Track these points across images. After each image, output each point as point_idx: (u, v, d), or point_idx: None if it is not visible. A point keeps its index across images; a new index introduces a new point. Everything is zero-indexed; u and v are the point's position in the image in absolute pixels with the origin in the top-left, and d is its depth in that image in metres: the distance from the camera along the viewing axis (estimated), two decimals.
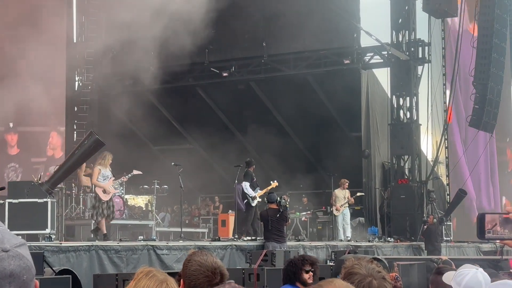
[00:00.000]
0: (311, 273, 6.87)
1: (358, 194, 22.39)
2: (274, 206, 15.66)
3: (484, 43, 25.37)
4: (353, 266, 3.28)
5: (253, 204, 17.68)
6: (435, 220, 21.83)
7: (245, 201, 17.70)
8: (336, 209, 21.36)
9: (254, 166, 18.49)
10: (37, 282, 1.86)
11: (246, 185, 17.74)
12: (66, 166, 14.24)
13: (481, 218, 2.34)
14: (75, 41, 27.09)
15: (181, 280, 3.88)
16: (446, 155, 26.49)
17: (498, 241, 2.35)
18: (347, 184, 21.79)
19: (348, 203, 21.61)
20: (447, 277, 5.31)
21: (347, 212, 21.56)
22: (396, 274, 9.95)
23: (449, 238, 23.81)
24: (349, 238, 21.00)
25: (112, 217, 15.64)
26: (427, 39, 24.33)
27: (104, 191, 15.25)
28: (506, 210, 2.27)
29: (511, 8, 28.42)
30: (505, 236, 2.30)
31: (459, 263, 12.24)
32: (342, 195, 21.56)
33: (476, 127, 26.14)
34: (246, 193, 17.55)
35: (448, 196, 26.16)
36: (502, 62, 26.20)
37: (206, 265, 3.80)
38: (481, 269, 3.94)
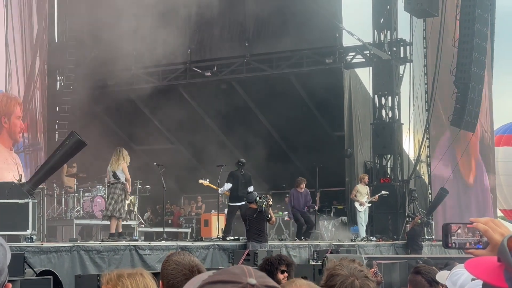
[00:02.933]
0: (286, 274, 6.85)
1: (383, 192, 22.29)
2: (253, 206, 15.55)
3: (465, 43, 25.52)
4: (334, 268, 3.27)
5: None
6: (419, 221, 21.87)
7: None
8: (361, 204, 21.20)
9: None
10: (9, 285, 1.84)
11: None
12: (47, 167, 14.15)
13: (445, 228, 2.37)
14: (56, 40, 26.96)
15: (161, 280, 3.87)
16: (428, 154, 26.61)
17: (463, 251, 2.37)
18: (367, 178, 21.83)
19: (371, 201, 21.55)
20: (441, 277, 5.29)
21: (366, 209, 21.50)
22: (376, 269, 10.03)
23: (431, 237, 23.91)
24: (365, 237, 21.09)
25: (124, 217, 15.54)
26: (409, 38, 24.43)
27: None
28: (470, 220, 2.29)
29: (492, 8, 28.63)
30: (469, 240, 2.32)
31: (442, 261, 12.29)
32: (365, 190, 21.47)
33: (457, 126, 26.29)
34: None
35: (430, 195, 26.27)
36: (483, 62, 26.39)
37: (183, 264, 3.80)
38: None
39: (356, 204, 21.46)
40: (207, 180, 18.89)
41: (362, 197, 21.37)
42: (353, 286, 3.17)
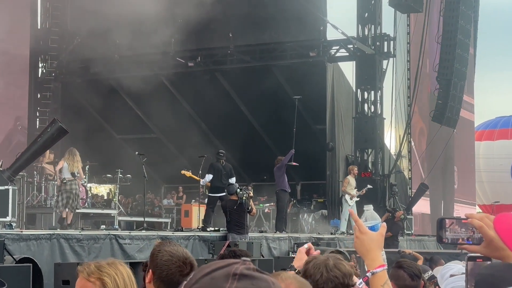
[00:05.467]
0: None
1: (369, 186, 22.17)
2: (234, 197, 15.53)
3: (448, 39, 25.62)
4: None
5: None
6: (402, 216, 21.92)
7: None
8: (351, 198, 20.90)
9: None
10: None
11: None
12: (28, 153, 14.09)
13: (440, 223, 2.37)
14: (39, 27, 26.78)
15: (150, 270, 3.85)
16: (409, 149, 26.72)
17: (457, 246, 2.37)
18: (356, 170, 21.72)
19: (359, 195, 21.30)
20: (438, 270, 5.42)
21: (355, 203, 21.35)
22: (355, 263, 10.06)
23: (410, 232, 24.01)
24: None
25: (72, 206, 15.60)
26: (393, 33, 24.49)
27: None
28: (465, 215, 2.30)
29: (476, 5, 28.72)
30: (462, 235, 2.32)
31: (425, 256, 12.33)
32: (354, 183, 21.26)
33: (439, 122, 26.39)
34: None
35: (410, 190, 26.38)
36: (465, 58, 26.50)
37: (177, 256, 3.80)
38: None
39: (347, 197, 21.21)
40: (190, 171, 18.93)
41: (352, 189, 21.25)
42: (327, 264, 3.38)
